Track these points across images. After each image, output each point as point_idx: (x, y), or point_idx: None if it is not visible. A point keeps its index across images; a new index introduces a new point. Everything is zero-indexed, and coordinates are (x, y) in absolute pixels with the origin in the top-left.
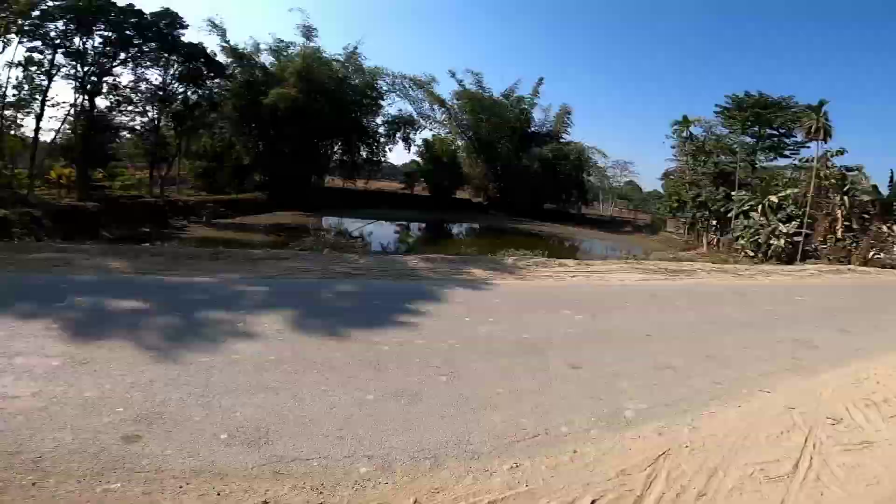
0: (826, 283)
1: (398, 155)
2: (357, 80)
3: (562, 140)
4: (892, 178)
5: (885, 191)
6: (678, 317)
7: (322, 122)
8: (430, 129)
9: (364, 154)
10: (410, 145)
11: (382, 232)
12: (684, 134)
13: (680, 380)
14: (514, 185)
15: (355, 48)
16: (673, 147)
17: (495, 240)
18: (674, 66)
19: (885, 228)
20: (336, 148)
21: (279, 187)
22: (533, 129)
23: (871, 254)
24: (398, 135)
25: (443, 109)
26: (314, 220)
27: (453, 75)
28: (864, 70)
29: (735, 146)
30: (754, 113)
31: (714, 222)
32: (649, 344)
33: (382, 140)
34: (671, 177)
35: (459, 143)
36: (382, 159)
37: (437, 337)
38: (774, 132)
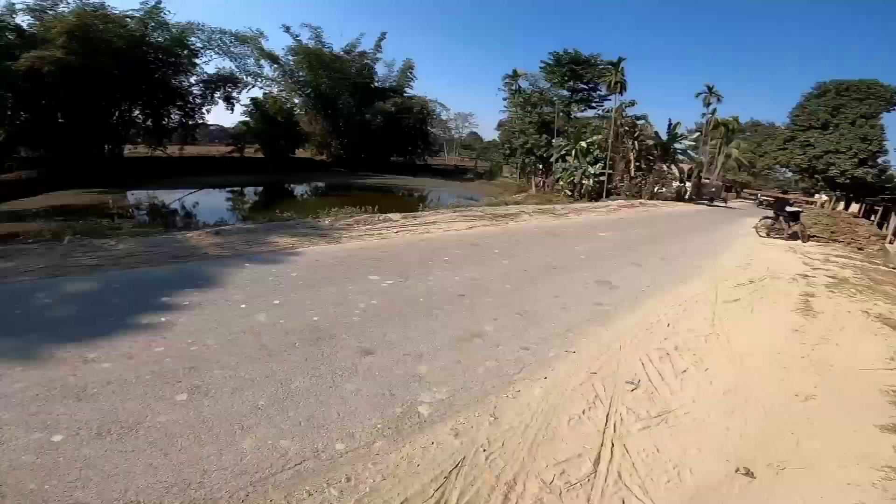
0: (624, 217)
1: (226, 116)
2: (162, 38)
3: (405, 94)
4: (669, 125)
5: (664, 136)
6: (494, 268)
7: (110, 85)
8: (261, 88)
9: (176, 117)
10: (234, 105)
11: (209, 201)
12: (514, 87)
13: (487, 350)
14: (359, 141)
15: (158, 2)
16: (505, 99)
17: (344, 197)
18: (510, 25)
19: (664, 167)
20: (137, 113)
21: (56, 163)
22: (376, 84)
23: (656, 188)
24: (217, 95)
25: (276, 66)
26: (115, 197)
27: (288, 30)
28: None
29: (555, 98)
30: (570, 69)
31: (541, 166)
32: (461, 306)
33: (198, 101)
34: (505, 127)
35: (296, 100)
36: (199, 122)
37: (189, 338)
38: (585, 86)
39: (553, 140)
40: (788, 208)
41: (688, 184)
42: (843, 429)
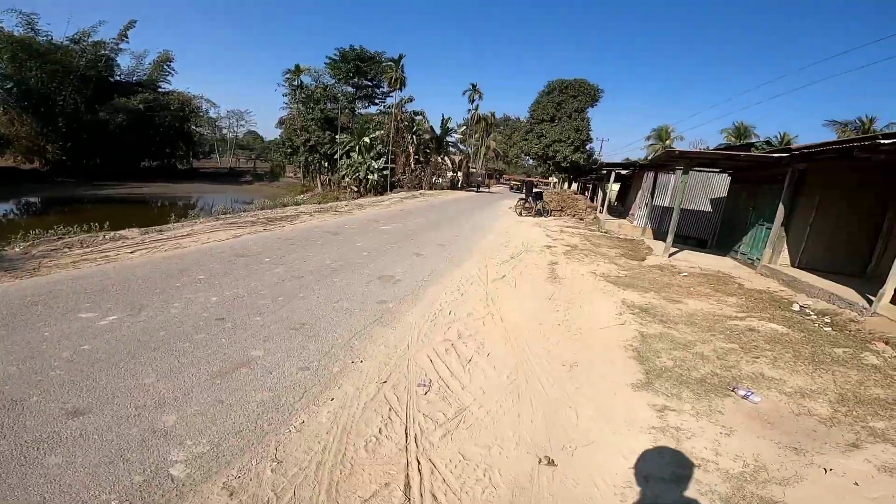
0: (406, 208)
1: None
2: None
3: (161, 90)
4: (442, 120)
5: (438, 130)
6: (264, 279)
7: None
8: None
9: None
10: None
11: None
12: (296, 83)
13: (258, 380)
14: (92, 144)
15: None
16: (285, 95)
17: (72, 214)
18: (293, 19)
19: (439, 159)
20: None
21: None
22: (118, 77)
23: (434, 179)
24: None
25: None
26: None
27: None
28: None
29: (340, 94)
30: (355, 65)
31: (326, 164)
32: (219, 333)
33: None
34: (287, 124)
35: None
36: None
37: None
38: (369, 83)
39: (337, 136)
40: (535, 189)
41: (459, 174)
42: (605, 393)
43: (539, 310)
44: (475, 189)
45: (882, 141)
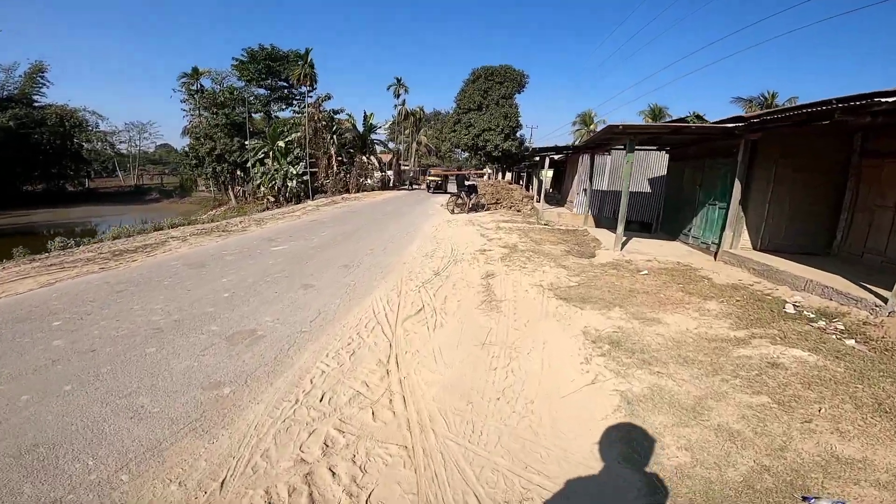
0: (319, 217)
1: None
2: None
3: (36, 104)
4: (364, 117)
5: (361, 128)
6: (24, 360)
7: None
8: None
9: None
10: None
11: None
12: (194, 87)
13: None
14: None
15: None
16: (184, 101)
17: None
18: (192, 19)
19: (365, 159)
20: None
21: None
22: None
23: (361, 180)
24: None
25: None
26: None
27: None
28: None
29: (251, 97)
30: (266, 65)
31: (240, 173)
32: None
33: None
34: (193, 133)
35: None
36: None
37: None
38: (285, 83)
39: (247, 143)
40: (467, 182)
41: (389, 172)
42: None
43: (467, 371)
44: (408, 187)
45: (883, 99)
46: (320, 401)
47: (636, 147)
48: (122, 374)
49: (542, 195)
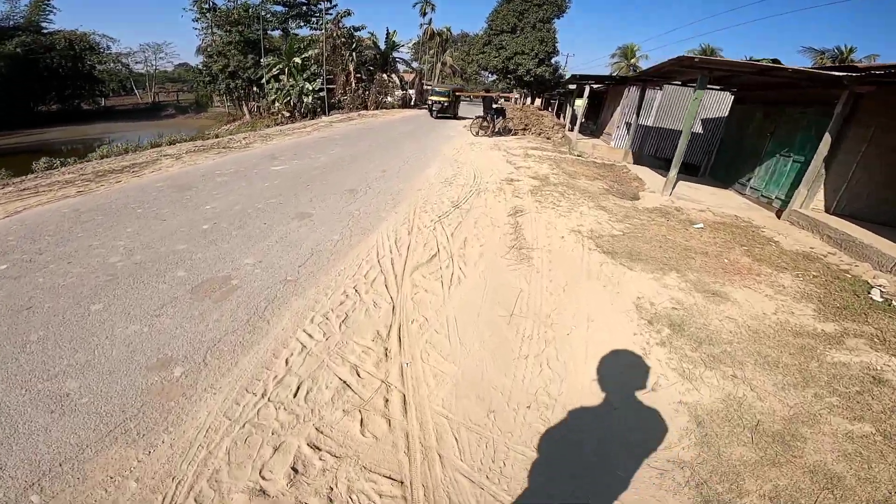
0: (331, 134)
1: None
2: None
3: (44, 31)
4: (387, 34)
5: (382, 45)
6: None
7: None
8: None
9: None
10: None
11: None
12: (206, 4)
13: None
14: None
15: None
16: (195, 20)
17: None
18: None
19: (385, 77)
20: None
21: None
22: None
23: (381, 98)
24: None
25: None
26: None
27: None
28: None
29: (268, 14)
30: None
31: (256, 89)
32: None
33: None
34: (207, 51)
35: None
36: None
37: None
38: (304, 1)
39: (262, 60)
40: (494, 105)
41: (412, 91)
42: None
43: (489, 358)
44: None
45: None
46: (294, 395)
47: (686, 83)
48: (54, 345)
49: (578, 125)
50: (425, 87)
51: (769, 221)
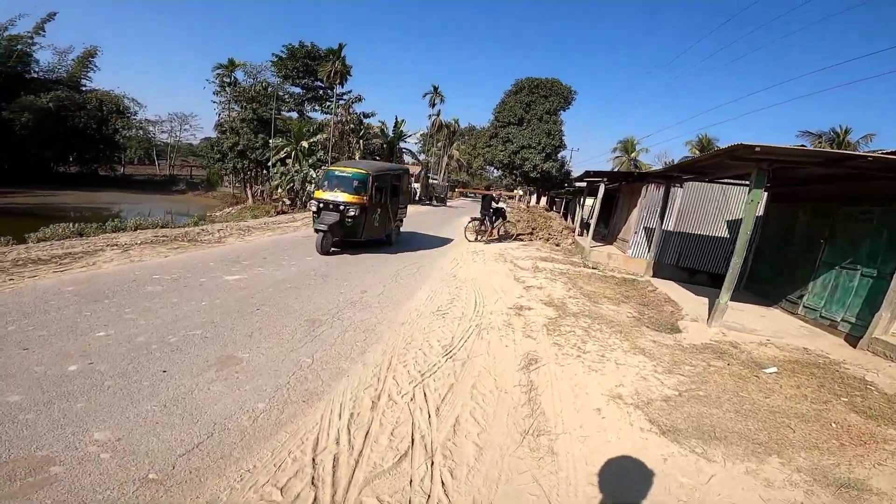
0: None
1: None
2: None
3: (83, 89)
4: (395, 123)
5: (390, 134)
6: None
7: None
8: None
9: None
10: None
11: None
12: (228, 79)
13: None
14: None
15: None
16: (215, 93)
17: None
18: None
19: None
20: None
21: None
22: (36, 74)
23: None
24: None
25: None
26: None
27: None
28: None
29: (286, 95)
30: (304, 63)
31: (264, 171)
32: None
33: None
34: (223, 127)
35: None
36: None
37: None
38: (321, 84)
39: (270, 140)
40: (494, 205)
41: (416, 185)
42: None
43: None
44: (433, 202)
45: None
46: None
47: (714, 180)
48: None
49: (591, 229)
50: (431, 180)
51: (844, 352)
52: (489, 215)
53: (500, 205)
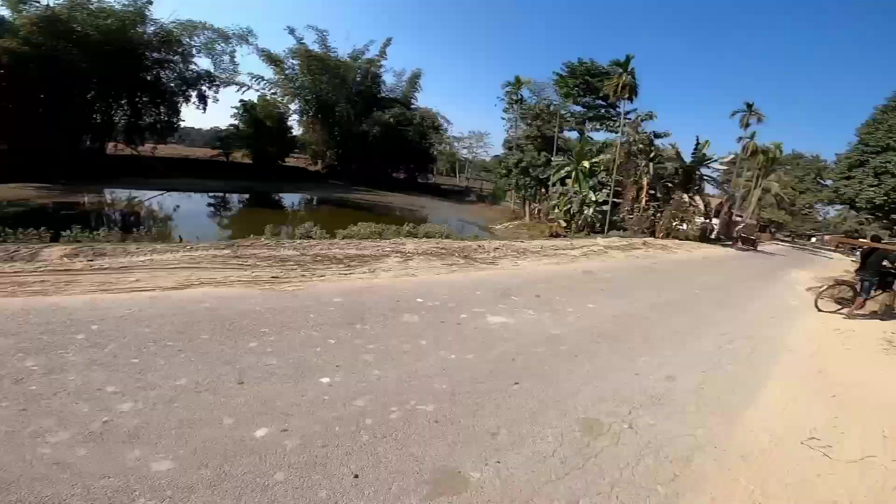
0: (597, 269)
1: (209, 117)
2: (151, 34)
3: (412, 107)
4: (696, 144)
5: (688, 158)
6: None
7: (87, 79)
8: (257, 91)
9: (159, 115)
10: (206, 104)
11: (188, 206)
12: (515, 97)
13: None
14: (355, 153)
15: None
16: (504, 110)
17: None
18: (519, 31)
19: (686, 197)
20: (119, 109)
21: (22, 153)
22: (383, 93)
23: (674, 223)
24: (192, 92)
25: (275, 68)
26: (77, 194)
27: (292, 32)
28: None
29: (566, 113)
30: (584, 80)
31: (544, 190)
32: None
33: (178, 99)
34: (510, 144)
35: (293, 105)
36: (179, 121)
37: None
38: (602, 102)
39: (552, 158)
40: (885, 265)
41: (715, 220)
42: None
43: None
44: (741, 245)
45: None
46: None
47: None
48: None
49: None
50: (735, 217)
51: None
52: (870, 279)
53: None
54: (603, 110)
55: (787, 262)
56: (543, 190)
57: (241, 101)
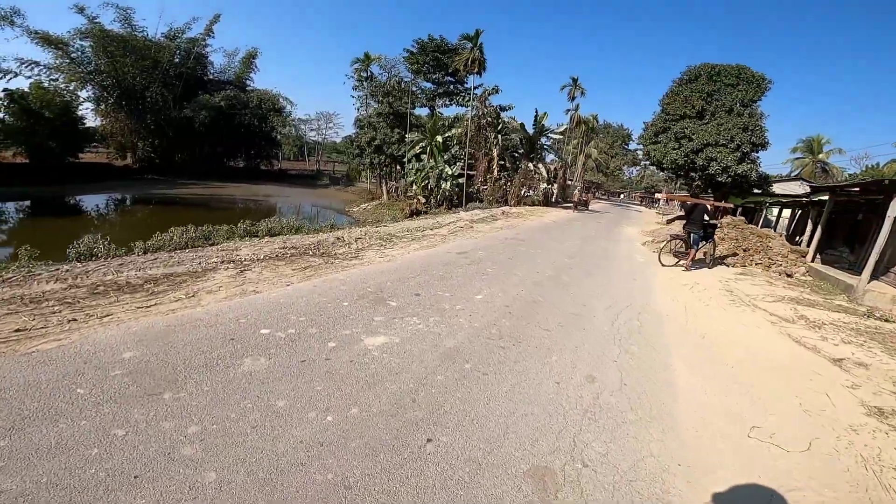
0: (471, 246)
1: None
2: None
3: (248, 88)
4: (535, 116)
5: (531, 129)
6: None
7: None
8: (27, 77)
9: None
10: None
11: None
12: (364, 73)
13: None
14: (178, 142)
15: None
16: (354, 88)
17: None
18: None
19: (531, 165)
20: None
21: None
22: (212, 75)
23: (523, 191)
24: None
25: (56, 51)
26: None
27: (81, 11)
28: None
29: (417, 90)
30: (434, 57)
31: (399, 167)
32: None
33: None
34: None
35: (83, 93)
36: None
37: None
38: (451, 79)
39: (406, 135)
40: (706, 219)
41: (554, 186)
42: None
43: None
44: (575, 207)
45: None
46: None
47: None
48: None
49: (813, 247)
50: (567, 181)
51: None
52: (697, 233)
53: (713, 220)
54: (452, 86)
55: (615, 220)
56: (399, 167)
57: (4, 90)
